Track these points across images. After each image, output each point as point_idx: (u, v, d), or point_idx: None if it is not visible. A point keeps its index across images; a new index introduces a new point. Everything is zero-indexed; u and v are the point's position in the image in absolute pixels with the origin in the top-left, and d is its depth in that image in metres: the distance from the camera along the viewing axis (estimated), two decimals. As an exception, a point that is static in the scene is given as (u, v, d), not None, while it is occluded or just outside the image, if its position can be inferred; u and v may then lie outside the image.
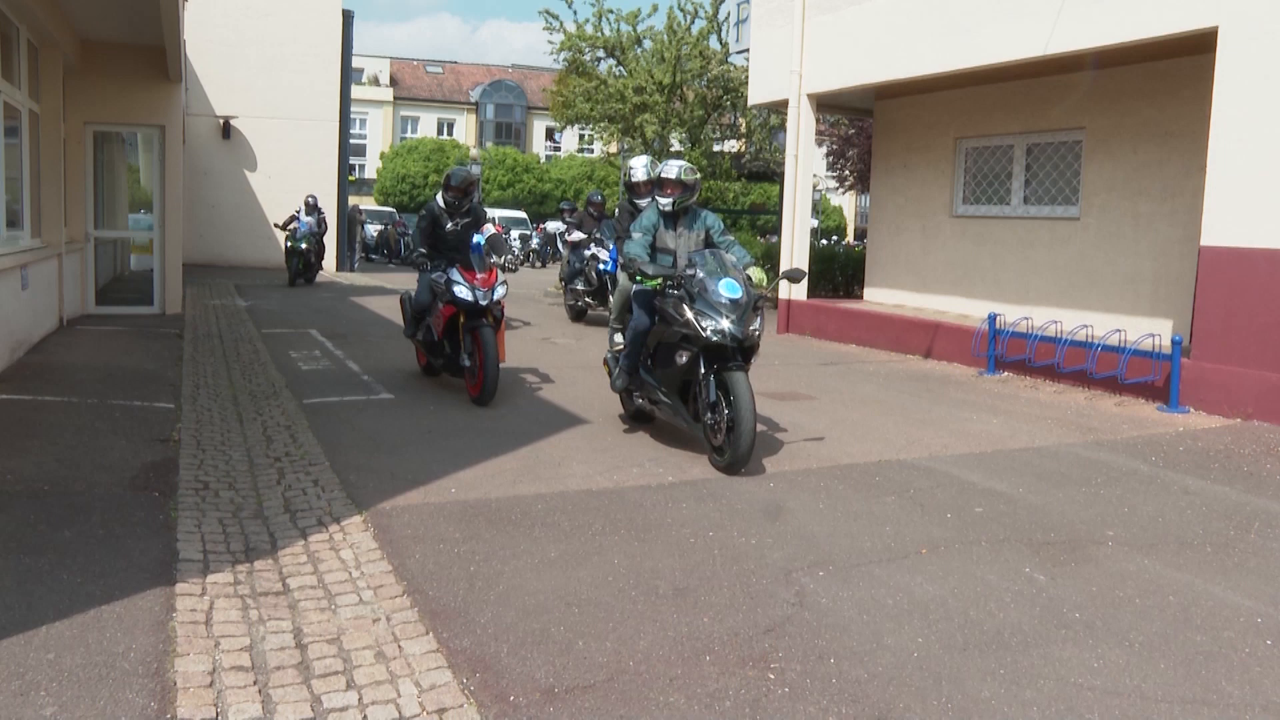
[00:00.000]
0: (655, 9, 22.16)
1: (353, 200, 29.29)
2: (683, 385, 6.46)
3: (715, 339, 6.02)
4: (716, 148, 23.42)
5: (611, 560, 4.49)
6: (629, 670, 3.42)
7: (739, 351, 6.15)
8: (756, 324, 6.18)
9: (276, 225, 20.00)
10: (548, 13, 21.68)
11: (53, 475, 5.37)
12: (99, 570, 4.05)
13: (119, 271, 15.53)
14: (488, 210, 43.82)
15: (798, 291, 13.92)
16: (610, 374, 7.37)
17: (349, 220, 24.91)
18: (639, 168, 9.44)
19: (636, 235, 6.68)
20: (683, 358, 6.25)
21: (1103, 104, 11.18)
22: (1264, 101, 8.19)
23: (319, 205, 19.93)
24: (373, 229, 32.53)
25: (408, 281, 21.41)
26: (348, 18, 24.28)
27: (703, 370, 6.16)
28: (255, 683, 3.20)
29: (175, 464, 5.72)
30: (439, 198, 8.64)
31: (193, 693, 3.11)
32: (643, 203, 8.54)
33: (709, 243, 6.82)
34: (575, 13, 24.01)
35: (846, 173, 32.37)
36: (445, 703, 3.14)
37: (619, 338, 7.46)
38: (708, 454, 6.28)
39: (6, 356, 8.49)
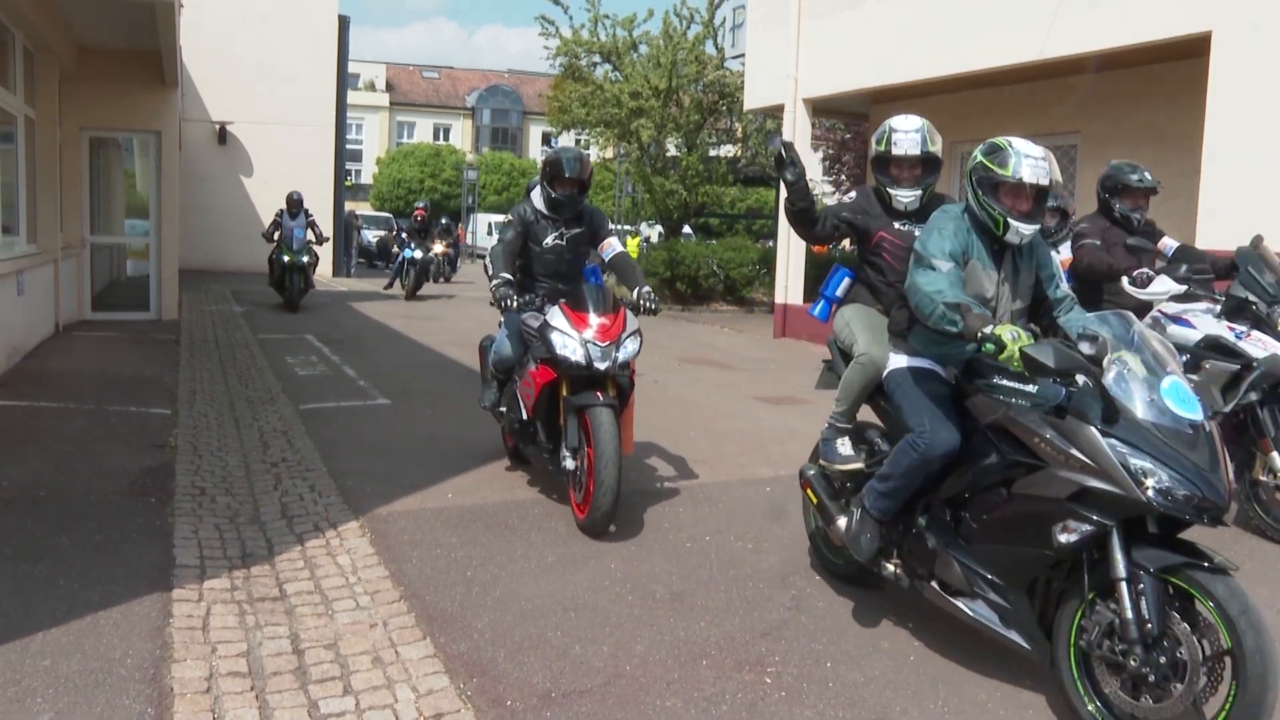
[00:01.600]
0: (651, 14, 22.24)
1: (349, 206, 29.27)
2: (1039, 582, 3.37)
3: (1164, 507, 2.99)
4: (713, 152, 23.43)
5: (608, 565, 4.49)
6: (626, 675, 3.42)
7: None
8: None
9: (264, 236, 15.76)
10: (544, 18, 21.72)
11: (49, 481, 5.36)
12: (96, 576, 4.04)
13: (115, 277, 15.51)
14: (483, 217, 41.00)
15: (793, 296, 13.93)
16: (813, 513, 4.43)
17: (345, 226, 24.91)
18: (908, 133, 4.17)
19: (944, 264, 3.53)
20: (1069, 534, 3.14)
21: (1098, 108, 11.20)
22: (1257, 104, 8.22)
23: (305, 204, 15.83)
24: (370, 235, 32.49)
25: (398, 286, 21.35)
26: (344, 23, 24.28)
27: (1121, 569, 3.03)
28: (252, 688, 3.20)
29: (172, 470, 5.72)
30: (535, 197, 5.74)
31: (190, 698, 3.11)
32: (906, 197, 4.15)
33: (1039, 291, 3.80)
34: (571, 18, 24.09)
35: (843, 177, 32.39)
36: (442, 708, 3.15)
37: (845, 448, 4.20)
38: None
39: (3, 362, 8.48)
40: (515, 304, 5.26)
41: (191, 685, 3.19)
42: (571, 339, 5.01)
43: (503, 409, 5.90)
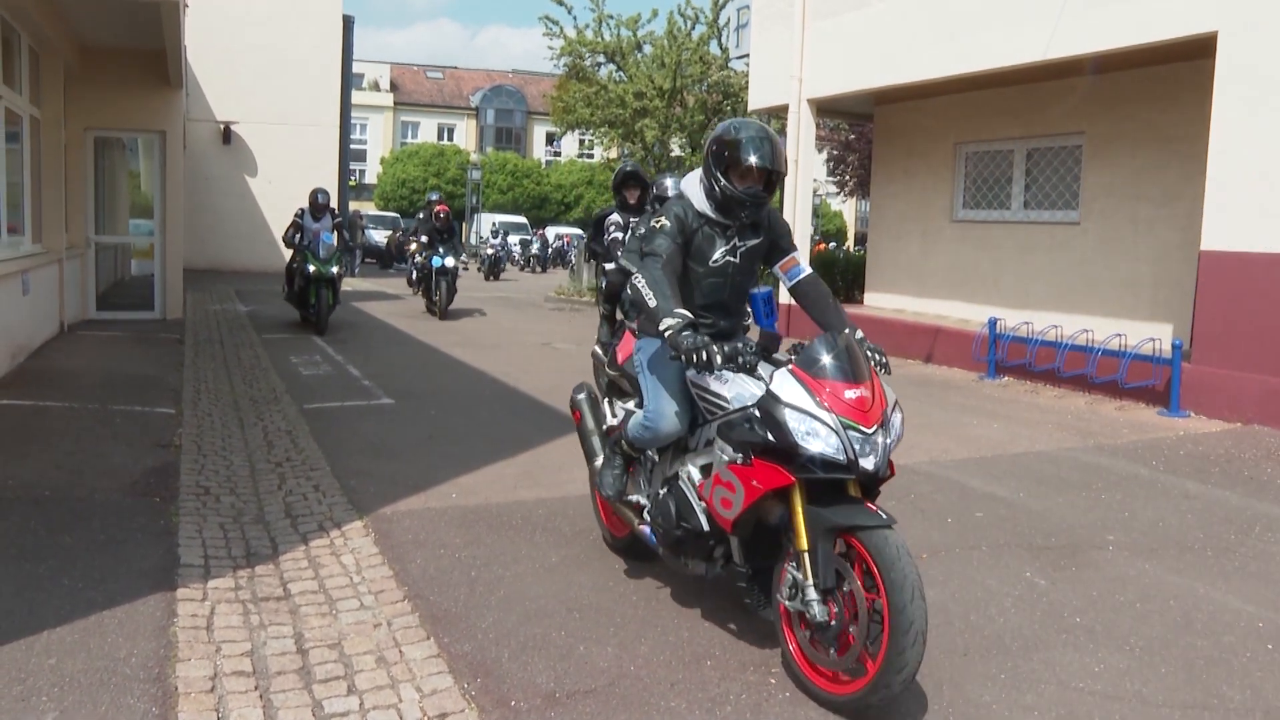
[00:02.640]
0: (655, 14, 22.18)
1: (353, 205, 29.30)
2: None
3: None
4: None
5: (612, 565, 4.49)
6: (630, 675, 3.42)
7: None
8: None
9: (284, 241, 13.29)
10: (548, 18, 21.72)
11: (54, 481, 5.37)
12: (100, 575, 4.05)
13: (120, 277, 15.54)
14: (494, 217, 40.94)
15: (798, 296, 13.91)
16: None
17: (350, 225, 25.00)
18: None
19: None
20: None
21: (1102, 108, 11.18)
22: (1263, 106, 8.20)
23: (332, 205, 13.58)
24: (377, 235, 32.46)
25: (404, 285, 21.19)
26: (348, 23, 24.34)
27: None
28: (256, 688, 3.20)
29: (176, 469, 5.73)
30: (691, 191, 3.88)
31: (194, 698, 3.11)
32: None
33: None
34: (575, 18, 23.99)
35: (847, 178, 32.46)
36: (446, 708, 3.14)
37: None
38: None
39: (7, 362, 8.49)
40: (709, 355, 3.34)
41: (196, 685, 3.19)
42: (821, 423, 3.19)
43: (635, 499, 4.16)
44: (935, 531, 5.18)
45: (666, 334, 3.44)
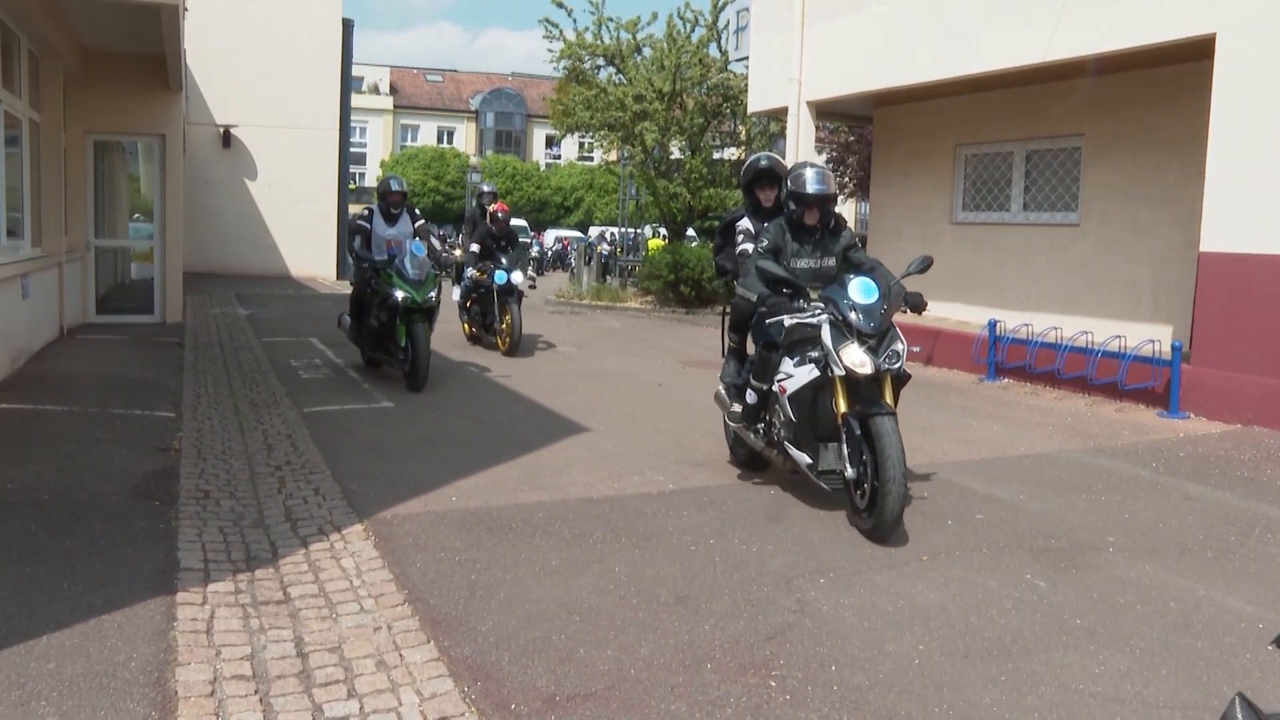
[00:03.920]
0: (655, 17, 22.16)
1: (353, 209, 29.29)
2: None
3: None
4: (716, 155, 23.40)
5: (612, 568, 4.49)
6: (630, 678, 3.42)
7: None
8: None
9: (355, 256, 9.67)
10: (548, 21, 21.71)
11: (54, 484, 5.37)
12: (100, 579, 4.04)
13: (120, 280, 15.53)
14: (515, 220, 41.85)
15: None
16: None
17: (350, 229, 24.96)
18: None
19: None
20: None
21: (1102, 110, 11.19)
22: (1262, 107, 8.21)
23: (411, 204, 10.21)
24: None
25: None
26: (348, 26, 24.35)
27: None
28: (256, 692, 3.20)
29: (176, 473, 5.73)
30: None
31: (194, 702, 3.11)
32: None
33: None
34: (575, 21, 24.00)
35: (846, 180, 32.41)
36: (447, 711, 3.14)
37: None
38: None
39: (7, 366, 8.49)
40: None
41: (195, 689, 3.19)
42: None
43: None
44: (936, 533, 5.18)
45: None
